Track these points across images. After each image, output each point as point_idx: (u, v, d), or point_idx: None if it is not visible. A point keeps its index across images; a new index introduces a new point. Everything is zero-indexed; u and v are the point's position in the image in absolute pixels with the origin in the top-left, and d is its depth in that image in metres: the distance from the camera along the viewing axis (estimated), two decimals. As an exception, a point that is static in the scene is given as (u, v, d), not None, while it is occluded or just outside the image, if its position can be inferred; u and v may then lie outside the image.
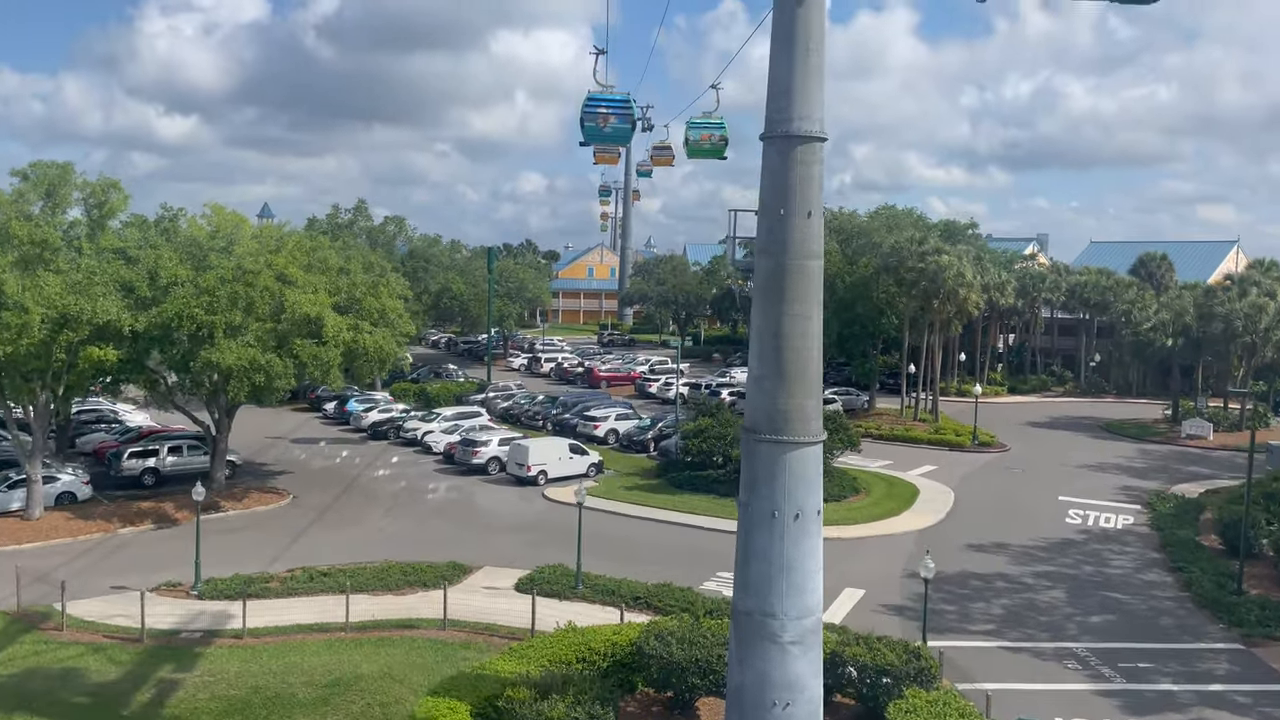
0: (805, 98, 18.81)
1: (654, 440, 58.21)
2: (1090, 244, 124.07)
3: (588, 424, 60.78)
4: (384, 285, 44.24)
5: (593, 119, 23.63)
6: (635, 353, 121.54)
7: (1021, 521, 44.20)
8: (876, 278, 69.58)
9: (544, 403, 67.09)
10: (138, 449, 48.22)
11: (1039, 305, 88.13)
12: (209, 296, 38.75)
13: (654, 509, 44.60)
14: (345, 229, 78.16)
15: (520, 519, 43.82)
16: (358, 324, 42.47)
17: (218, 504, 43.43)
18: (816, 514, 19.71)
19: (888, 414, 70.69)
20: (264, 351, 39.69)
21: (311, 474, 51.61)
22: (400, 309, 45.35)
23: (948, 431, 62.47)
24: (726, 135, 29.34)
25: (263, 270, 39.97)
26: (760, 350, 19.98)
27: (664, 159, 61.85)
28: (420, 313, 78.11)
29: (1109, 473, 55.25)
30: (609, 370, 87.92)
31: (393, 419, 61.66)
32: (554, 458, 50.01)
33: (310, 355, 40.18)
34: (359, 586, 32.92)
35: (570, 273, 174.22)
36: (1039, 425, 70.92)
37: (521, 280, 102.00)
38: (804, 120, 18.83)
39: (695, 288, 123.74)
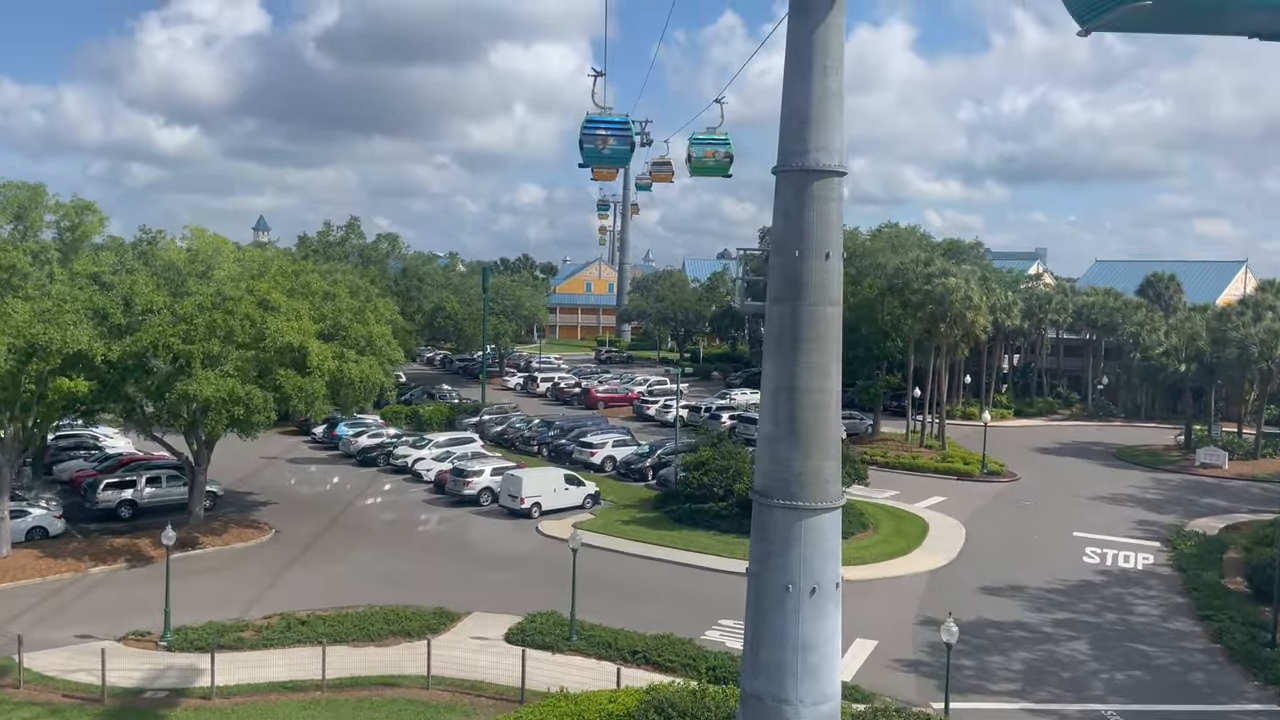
0: (823, 126, 17.00)
1: (652, 468, 56.32)
2: (1095, 263, 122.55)
3: (584, 451, 58.87)
4: (371, 311, 42.35)
5: (591, 141, 23.41)
6: (633, 371, 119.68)
7: (1037, 561, 42.28)
8: (881, 299, 67.83)
9: (539, 427, 65.17)
10: (114, 480, 46.25)
11: (1045, 326, 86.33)
12: (186, 325, 36.88)
13: (653, 546, 42.65)
14: (337, 246, 76.35)
15: (513, 556, 41.85)
16: (343, 352, 40.57)
17: (195, 540, 41.46)
18: (835, 587, 17.81)
19: (893, 439, 68.80)
20: (244, 382, 37.79)
21: (296, 504, 49.62)
22: (388, 335, 43.47)
23: (955, 459, 60.58)
24: (731, 152, 27.75)
25: (244, 297, 38.11)
26: (773, 406, 18.14)
27: (663, 175, 59.98)
28: (414, 332, 76.24)
29: (1124, 505, 53.34)
30: (606, 391, 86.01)
31: (383, 444, 59.70)
32: (548, 489, 48.07)
33: (293, 386, 38.28)
34: (339, 636, 30.97)
35: (568, 288, 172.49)
36: (1048, 452, 69.04)
37: (518, 298, 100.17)
38: (821, 152, 17.03)
39: (694, 304, 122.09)
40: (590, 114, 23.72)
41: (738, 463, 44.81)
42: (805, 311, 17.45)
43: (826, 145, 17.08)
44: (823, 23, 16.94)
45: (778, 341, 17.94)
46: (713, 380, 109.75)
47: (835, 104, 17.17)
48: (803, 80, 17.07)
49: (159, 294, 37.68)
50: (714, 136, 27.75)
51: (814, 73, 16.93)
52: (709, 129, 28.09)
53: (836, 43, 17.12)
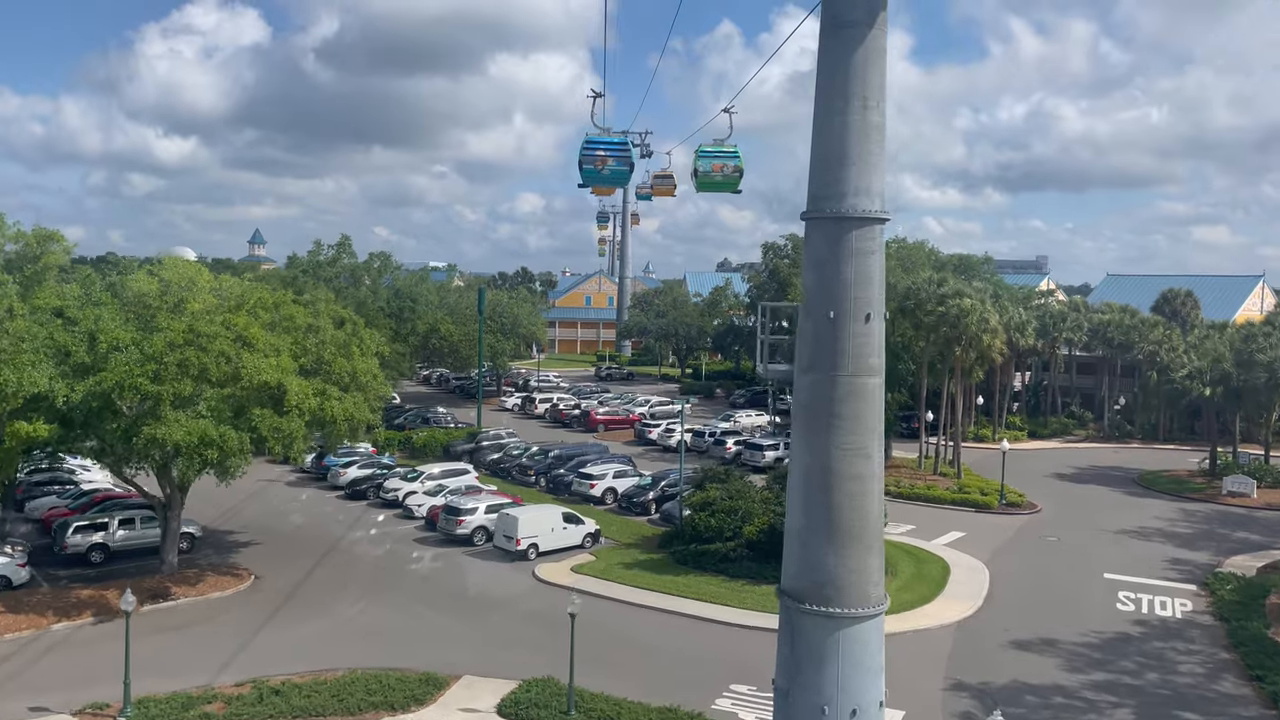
0: (863, 166, 14.44)
1: (655, 501, 53.64)
2: (1107, 277, 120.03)
3: (583, 483, 56.19)
4: (356, 344, 39.69)
5: (591, 162, 23.44)
6: (634, 388, 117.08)
7: (1068, 608, 39.58)
8: (892, 321, 65.16)
9: (537, 456, 62.46)
10: (84, 522, 43.55)
11: (1059, 345, 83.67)
12: (155, 363, 34.24)
13: (657, 594, 39.91)
14: (328, 266, 73.79)
15: (507, 605, 39.14)
16: (325, 389, 37.92)
17: (167, 590, 38.75)
18: (879, 707, 15.19)
19: (905, 465, 66.12)
20: (219, 423, 35.16)
21: (280, 544, 46.91)
22: (374, 370, 40.80)
23: (973, 489, 57.87)
24: (742, 166, 25.41)
25: (219, 333, 35.45)
26: (803, 493, 15.53)
27: (665, 188, 57.37)
28: (407, 354, 73.65)
29: (1153, 540, 50.64)
30: (606, 414, 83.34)
31: (373, 477, 56.96)
32: (546, 528, 45.38)
33: (270, 427, 35.63)
34: (315, 709, 28.31)
35: (567, 301, 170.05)
36: (1066, 478, 66.35)
37: (515, 315, 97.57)
38: (861, 195, 14.46)
39: (696, 319, 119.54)
40: (589, 135, 23.72)
41: (747, 502, 42.10)
42: (841, 384, 14.86)
43: (867, 188, 14.50)
44: (861, 44, 14.38)
45: (808, 416, 15.33)
46: (716, 399, 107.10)
47: (877, 140, 14.60)
48: (838, 113, 14.50)
49: (126, 330, 35.07)
50: (722, 149, 25.21)
51: (851, 104, 14.36)
52: (716, 140, 24.90)
53: (878, 69, 14.57)
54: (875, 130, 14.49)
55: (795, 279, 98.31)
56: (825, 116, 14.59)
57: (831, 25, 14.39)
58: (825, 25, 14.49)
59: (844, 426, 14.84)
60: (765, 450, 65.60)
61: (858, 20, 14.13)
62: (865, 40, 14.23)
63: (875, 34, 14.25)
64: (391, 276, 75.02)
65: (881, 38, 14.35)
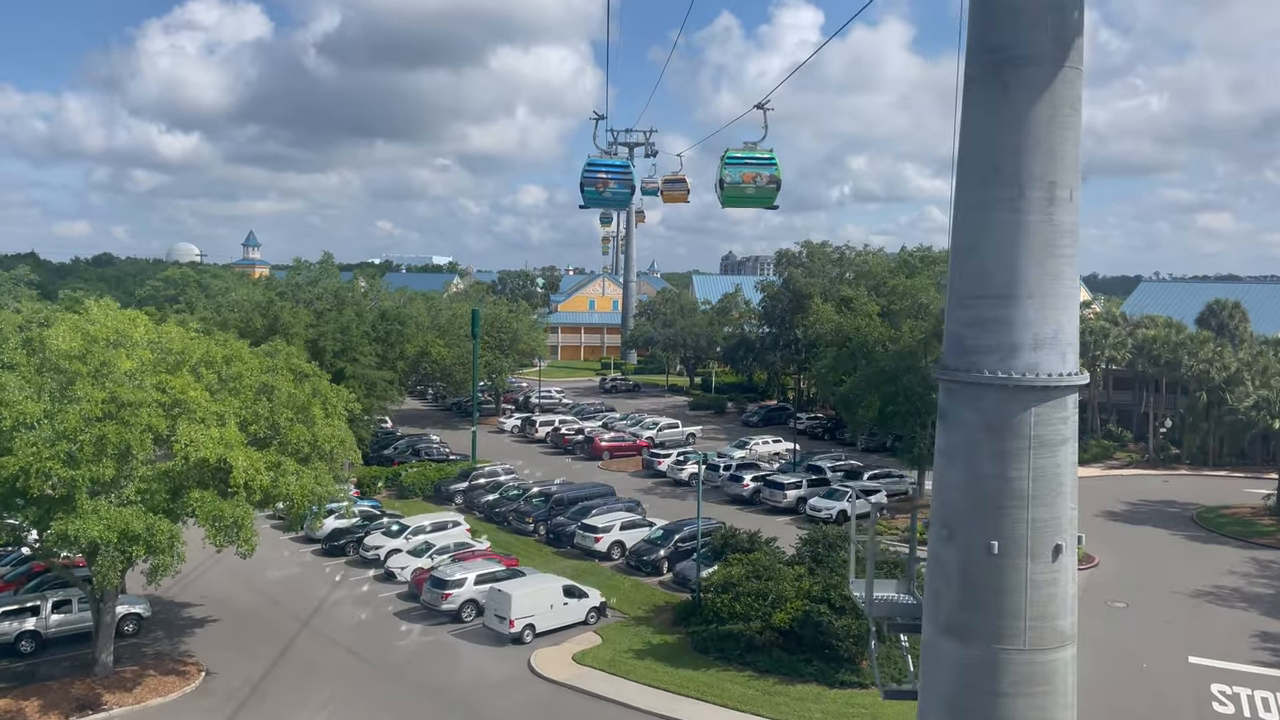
0: (1048, 297, 8.83)
1: (668, 559, 47.79)
2: (1142, 284, 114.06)
3: (587, 535, 50.36)
4: (317, 405, 33.82)
5: (593, 184, 23.56)
6: (640, 402, 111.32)
7: (1155, 708, 33.73)
8: (925, 345, 59.26)
9: (536, 500, 56.57)
10: (12, 606, 37.83)
11: (1101, 362, 77.58)
12: (68, 443, 28.44)
13: (672, 695, 34.02)
14: (308, 288, 68.04)
15: (494, 709, 33.37)
16: (280, 462, 32.08)
17: (98, 699, 32.97)
18: None
19: (940, 505, 60.24)
20: (149, 511, 29.38)
21: (242, 621, 41.20)
22: (341, 436, 34.89)
23: (1020, 538, 51.91)
24: (779, 175, 20.39)
25: (147, 401, 29.60)
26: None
27: (677, 194, 51.27)
28: (395, 381, 67.88)
29: (1233, 605, 44.73)
30: (612, 440, 77.46)
31: (353, 530, 51.12)
32: (544, 605, 39.57)
33: (209, 513, 29.81)
34: None
35: (571, 305, 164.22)
36: (1117, 517, 60.40)
37: (515, 330, 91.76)
38: (1045, 348, 9.04)
39: (705, 329, 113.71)
40: (591, 157, 23.75)
41: (776, 583, 36.12)
42: (1012, 665, 8.99)
43: (1054, 334, 8.82)
44: (1045, 94, 8.59)
45: (953, 713, 9.42)
46: (727, 414, 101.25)
47: (1068, 252, 8.79)
48: (1004, 208, 8.78)
49: (36, 402, 29.24)
50: (755, 154, 20.54)
51: (1029, 193, 8.73)
52: (747, 144, 20.73)
53: (1071, 132, 8.74)
54: (1066, 236, 8.80)
55: (812, 290, 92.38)
56: (978, 213, 8.90)
57: (990, 65, 8.68)
58: (979, 66, 8.79)
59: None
60: (786, 489, 59.73)
61: (1038, 56, 8.43)
62: (1051, 87, 8.50)
63: (1067, 76, 8.52)
64: (379, 297, 69.17)
65: (1076, 82, 8.57)
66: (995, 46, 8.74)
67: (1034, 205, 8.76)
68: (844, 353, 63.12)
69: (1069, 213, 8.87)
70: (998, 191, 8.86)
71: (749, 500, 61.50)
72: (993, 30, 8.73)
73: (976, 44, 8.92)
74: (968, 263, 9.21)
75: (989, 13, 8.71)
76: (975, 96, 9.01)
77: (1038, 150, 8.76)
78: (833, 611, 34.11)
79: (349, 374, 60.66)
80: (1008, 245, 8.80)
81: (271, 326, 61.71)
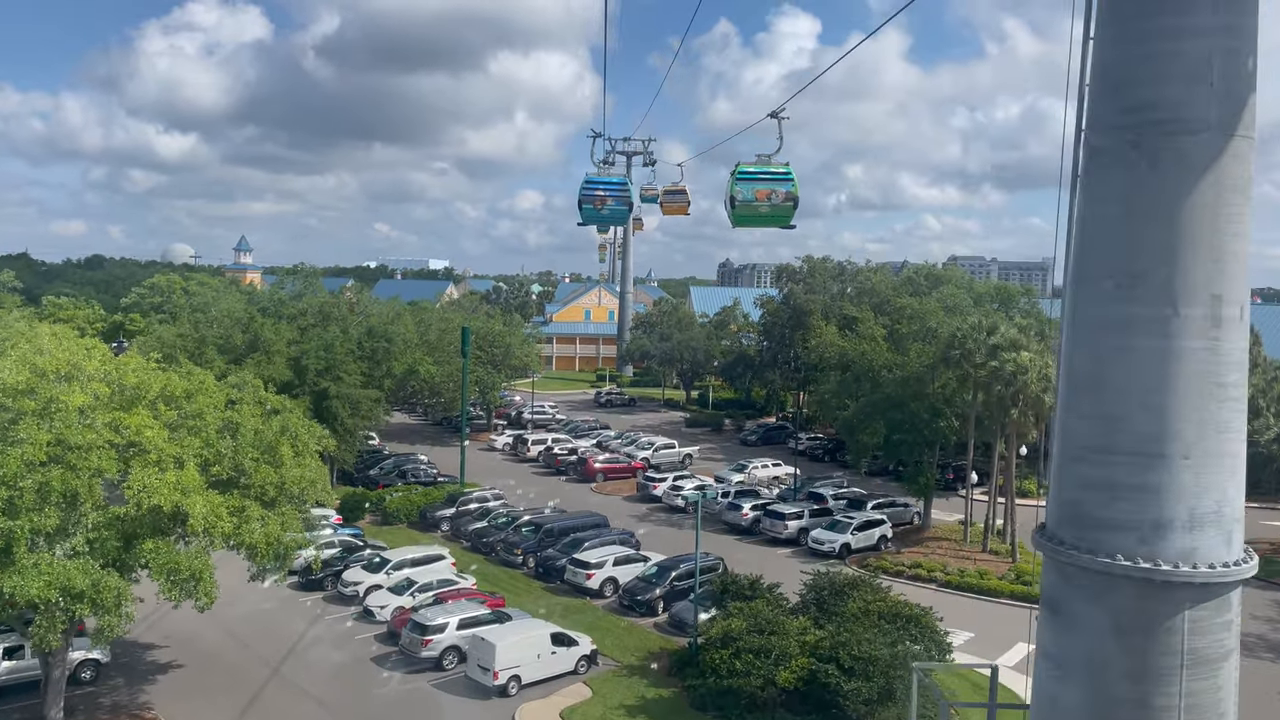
0: (1212, 464, 6.35)
1: (663, 598, 45.32)
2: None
3: (578, 572, 47.83)
4: (285, 444, 31.24)
5: (590, 201, 23.73)
6: (636, 417, 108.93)
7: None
8: (932, 371, 56.91)
9: (525, 530, 54.05)
10: (-44, 653, 35.24)
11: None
12: (6, 489, 25.92)
13: (668, 760, 31.58)
14: (292, 302, 65.58)
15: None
16: (244, 506, 29.57)
17: (44, 762, 30.45)
18: None
19: (948, 538, 57.83)
20: (98, 562, 26.86)
21: (208, 666, 38.60)
22: (312, 477, 32.33)
23: (1032, 574, 49.47)
24: (797, 192, 18.17)
25: (98, 445, 27.09)
26: None
27: (677, 206, 49.32)
28: (381, 400, 65.38)
29: (1259, 655, 42.31)
30: (606, 462, 74.93)
31: (332, 563, 48.52)
32: (530, 655, 37.03)
33: (163, 565, 27.30)
34: None
35: (566, 316, 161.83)
36: (1131, 551, 57.99)
37: (508, 345, 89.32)
38: (1206, 528, 6.44)
39: (703, 343, 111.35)
40: (589, 174, 23.93)
41: (780, 639, 33.55)
42: None
43: (1216, 511, 6.38)
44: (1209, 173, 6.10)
45: None
46: (724, 432, 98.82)
47: (1235, 399, 6.39)
48: (1148, 331, 6.36)
49: (-26, 443, 26.72)
50: (769, 169, 18.51)
51: (1188, 318, 6.25)
52: (760, 157, 18.75)
53: (1239, 224, 6.30)
54: (1235, 371, 6.38)
55: (812, 307, 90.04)
56: (1108, 335, 6.42)
57: (1128, 132, 6.21)
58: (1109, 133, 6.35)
59: None
60: (787, 520, 57.26)
61: (1199, 120, 5.95)
62: (1217, 163, 6.04)
63: (1237, 149, 6.07)
64: (365, 312, 66.70)
65: (1248, 156, 6.06)
66: (1136, 106, 6.30)
67: (1192, 328, 6.31)
68: (848, 377, 60.70)
69: (1238, 338, 6.48)
70: (1139, 307, 6.40)
71: (748, 530, 59.05)
72: (1133, 85, 6.24)
73: (1105, 103, 6.44)
74: (1090, 401, 6.73)
75: (1126, 60, 6.24)
76: (1103, 175, 6.55)
77: (1198, 251, 6.31)
78: (842, 673, 31.65)
79: (332, 393, 58.22)
80: (1154, 383, 6.34)
81: (253, 344, 59.25)
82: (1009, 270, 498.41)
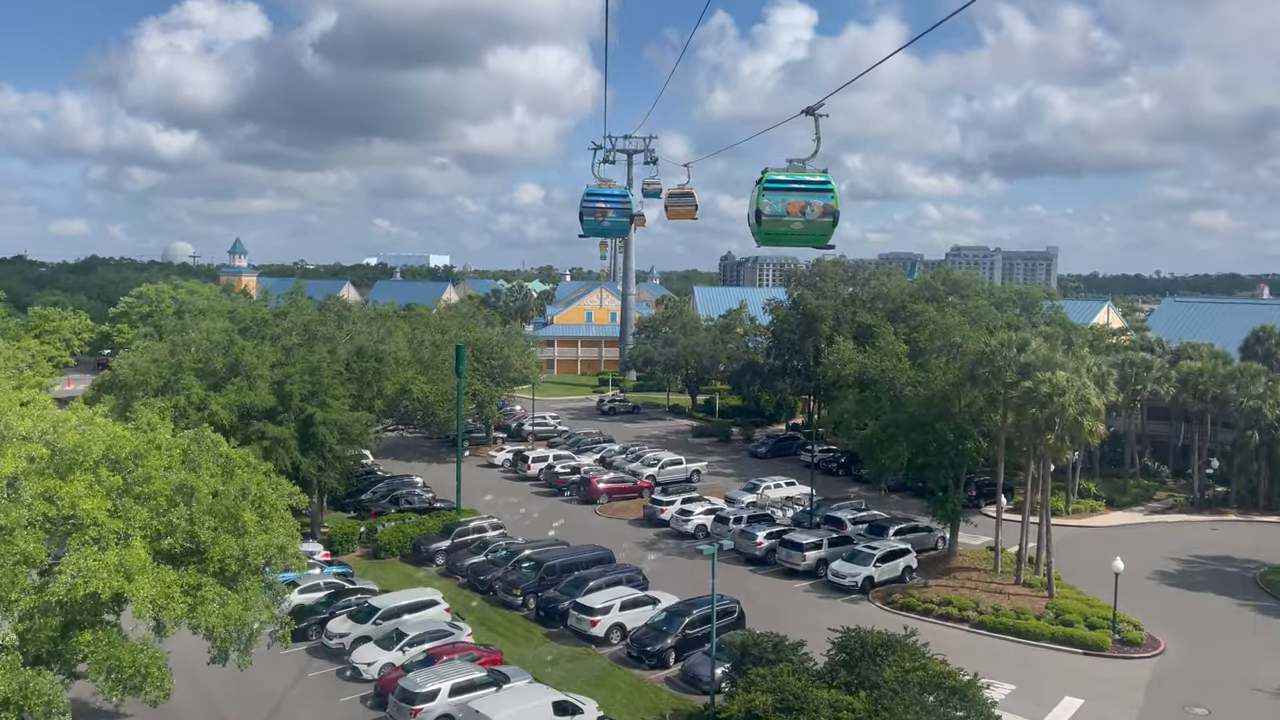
0: None
1: (674, 648, 41.67)
2: (1166, 301, 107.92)
3: (582, 617, 44.17)
4: (248, 509, 27.56)
5: (592, 213, 23.92)
6: (640, 426, 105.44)
7: None
8: (958, 389, 53.18)
9: (525, 568, 50.38)
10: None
11: (1142, 397, 71.40)
12: (-84, 580, 22.32)
13: None
14: (276, 321, 61.96)
15: None
16: (200, 584, 25.93)
17: None
18: None
19: (975, 567, 54.14)
20: (26, 660, 23.25)
21: (176, 739, 35.08)
22: (279, 542, 28.62)
23: (1074, 614, 45.64)
24: (837, 205, 14.55)
25: (23, 524, 23.44)
26: None
27: (684, 209, 47.39)
28: (371, 423, 61.79)
29: (1328, 709, 38.70)
30: (610, 483, 71.28)
31: (315, 610, 44.96)
32: (530, 728, 33.44)
33: (102, 661, 23.68)
34: None
35: (567, 318, 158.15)
36: (1171, 579, 54.37)
37: (506, 357, 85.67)
38: None
39: (708, 348, 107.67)
40: (590, 186, 24.16)
41: (811, 715, 29.81)
42: None
43: None
44: None
45: None
46: (732, 442, 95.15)
47: None
48: None
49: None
50: (804, 176, 15.08)
51: None
52: (792, 163, 15.22)
53: None
54: None
55: (824, 313, 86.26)
56: None
57: None
58: None
59: None
60: (805, 550, 53.60)
61: None
62: None
63: None
64: (355, 329, 62.99)
65: None
66: None
67: None
68: (868, 395, 56.99)
69: None
70: None
71: (762, 560, 55.41)
72: None
73: None
74: None
75: None
76: None
77: None
78: (880, 759, 27.99)
79: (318, 419, 54.56)
80: None
81: (233, 367, 55.60)
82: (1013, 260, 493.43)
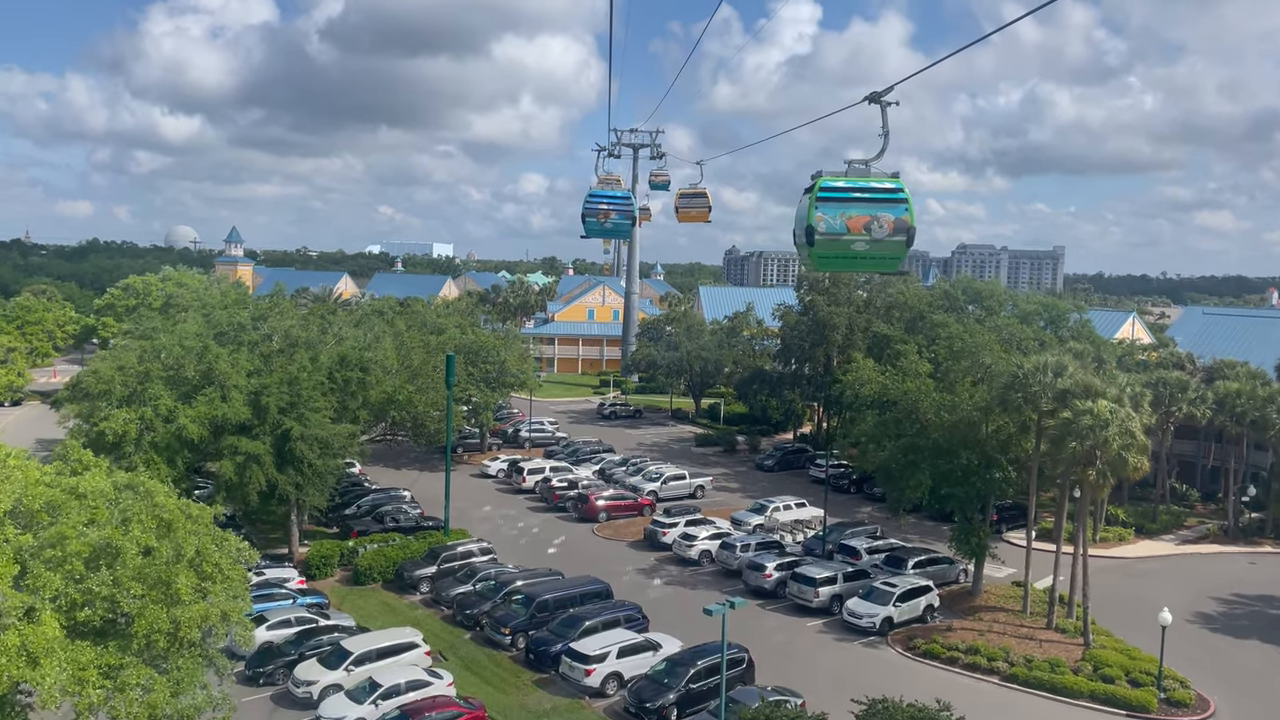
0: None
1: (676, 705, 37.74)
2: (1189, 310, 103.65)
3: (575, 665, 40.22)
4: (184, 573, 23.49)
5: (594, 215, 24.56)
6: (642, 431, 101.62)
7: None
8: (986, 414, 49.15)
9: (515, 600, 46.37)
10: None
11: (1175, 419, 67.33)
12: None
13: None
14: (256, 324, 57.98)
15: None
16: (122, 664, 21.94)
17: None
18: None
19: (1003, 606, 50.17)
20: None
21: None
22: (223, 607, 24.63)
23: (1114, 669, 41.63)
24: (912, 221, 10.57)
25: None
26: None
27: (697, 211, 44.55)
28: (356, 435, 57.86)
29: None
30: (610, 499, 67.32)
31: (284, 650, 41.05)
32: (514, 808, 29.55)
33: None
34: None
35: (568, 315, 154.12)
36: (1213, 623, 50.37)
37: (502, 361, 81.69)
38: None
39: (714, 352, 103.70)
40: (593, 188, 24.95)
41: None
42: None
43: None
44: None
45: None
46: (738, 453, 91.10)
47: None
48: None
49: None
50: (870, 183, 11.80)
51: None
52: (853, 165, 12.02)
53: None
54: None
55: (837, 320, 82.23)
56: None
57: None
58: None
59: None
60: (819, 585, 49.60)
61: None
62: None
63: None
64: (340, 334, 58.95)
65: None
66: None
67: None
68: (888, 418, 52.98)
69: None
70: None
71: (772, 593, 51.45)
72: None
73: None
74: None
75: None
76: None
77: None
78: None
79: (296, 434, 50.65)
80: None
81: (206, 376, 51.65)
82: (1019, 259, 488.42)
